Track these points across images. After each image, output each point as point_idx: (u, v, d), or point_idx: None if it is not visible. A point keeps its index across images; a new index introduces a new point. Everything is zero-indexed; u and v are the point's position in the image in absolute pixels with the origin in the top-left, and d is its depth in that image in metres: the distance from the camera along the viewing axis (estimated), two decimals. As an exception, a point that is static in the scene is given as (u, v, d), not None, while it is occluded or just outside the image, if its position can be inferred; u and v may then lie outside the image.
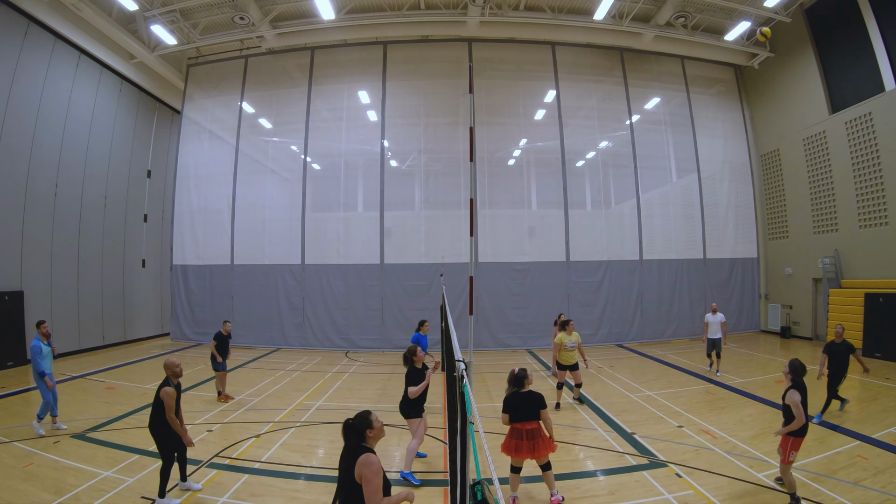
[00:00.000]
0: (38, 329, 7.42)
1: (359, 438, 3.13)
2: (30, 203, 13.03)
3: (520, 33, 16.16)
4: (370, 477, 2.91)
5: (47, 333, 7.47)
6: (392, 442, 7.15)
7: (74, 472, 5.80)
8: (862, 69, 13.69)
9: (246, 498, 5.25)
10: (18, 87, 12.56)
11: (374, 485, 2.89)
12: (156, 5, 14.03)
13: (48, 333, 7.50)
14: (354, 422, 3.16)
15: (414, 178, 16.41)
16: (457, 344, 3.82)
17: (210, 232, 16.70)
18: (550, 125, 16.51)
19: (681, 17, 15.46)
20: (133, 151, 17.34)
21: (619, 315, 16.01)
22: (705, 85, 18.00)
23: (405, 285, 15.59)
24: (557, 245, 15.97)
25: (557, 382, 8.77)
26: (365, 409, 3.31)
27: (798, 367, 5.06)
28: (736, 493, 5.21)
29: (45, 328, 7.47)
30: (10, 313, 12.28)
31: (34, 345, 7.20)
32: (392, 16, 15.17)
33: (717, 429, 7.31)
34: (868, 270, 13.60)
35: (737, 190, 17.84)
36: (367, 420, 3.16)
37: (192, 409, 8.73)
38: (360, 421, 3.16)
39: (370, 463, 2.95)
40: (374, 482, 2.90)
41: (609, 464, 6.08)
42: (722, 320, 11.02)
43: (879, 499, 4.99)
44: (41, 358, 7.17)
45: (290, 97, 16.92)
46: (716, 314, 11.12)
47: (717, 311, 11.25)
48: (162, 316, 18.65)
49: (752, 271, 17.64)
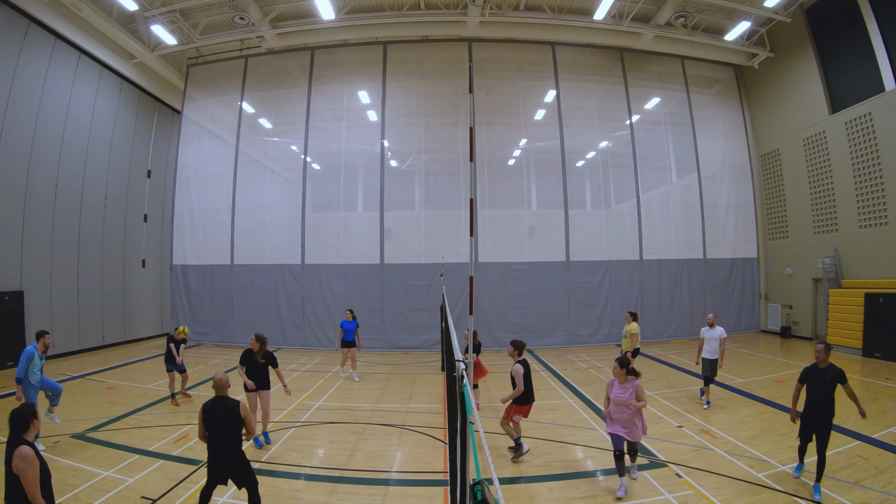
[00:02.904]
0: (39, 339, 6.90)
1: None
2: (30, 203, 13.03)
3: (520, 33, 16.16)
4: (25, 469, 3.08)
5: (48, 345, 7.00)
6: (392, 441, 7.15)
7: (74, 472, 5.80)
8: (862, 69, 13.69)
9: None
10: (18, 87, 12.55)
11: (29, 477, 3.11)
12: (156, 5, 14.03)
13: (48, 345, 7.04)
14: (19, 412, 3.34)
15: (414, 178, 16.41)
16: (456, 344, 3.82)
17: (210, 232, 16.70)
18: (550, 125, 16.51)
19: (681, 17, 15.46)
20: (133, 151, 17.34)
21: (620, 315, 15.87)
22: (705, 85, 18.00)
23: (405, 285, 15.59)
24: (557, 245, 15.97)
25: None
26: (26, 402, 3.86)
27: (521, 344, 6.46)
28: (736, 493, 5.21)
29: (47, 339, 7.00)
30: (10, 313, 12.27)
31: (28, 350, 6.67)
32: (392, 16, 15.16)
33: (717, 429, 7.32)
34: (868, 270, 13.60)
35: (737, 190, 17.84)
36: (31, 410, 3.38)
37: (192, 409, 8.75)
38: (23, 411, 3.35)
39: (24, 455, 3.12)
40: (29, 474, 3.11)
41: (609, 464, 6.07)
42: (722, 336, 8.54)
43: (879, 499, 4.99)
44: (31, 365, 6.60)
45: (290, 97, 16.91)
46: (714, 328, 8.63)
47: (715, 324, 8.70)
48: (162, 316, 18.64)
49: (752, 271, 17.64)
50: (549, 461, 6.28)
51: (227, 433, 4.41)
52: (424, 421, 7.99)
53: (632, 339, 9.51)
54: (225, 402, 4.49)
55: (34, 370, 6.71)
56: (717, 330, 8.59)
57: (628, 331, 9.62)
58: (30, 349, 6.70)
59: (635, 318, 9.77)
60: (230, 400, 4.52)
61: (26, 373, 6.60)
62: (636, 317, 9.84)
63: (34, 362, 6.69)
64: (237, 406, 4.46)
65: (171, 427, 7.55)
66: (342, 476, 5.87)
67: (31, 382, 6.69)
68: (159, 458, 6.32)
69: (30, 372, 6.65)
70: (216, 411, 4.43)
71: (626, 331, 9.70)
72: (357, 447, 6.83)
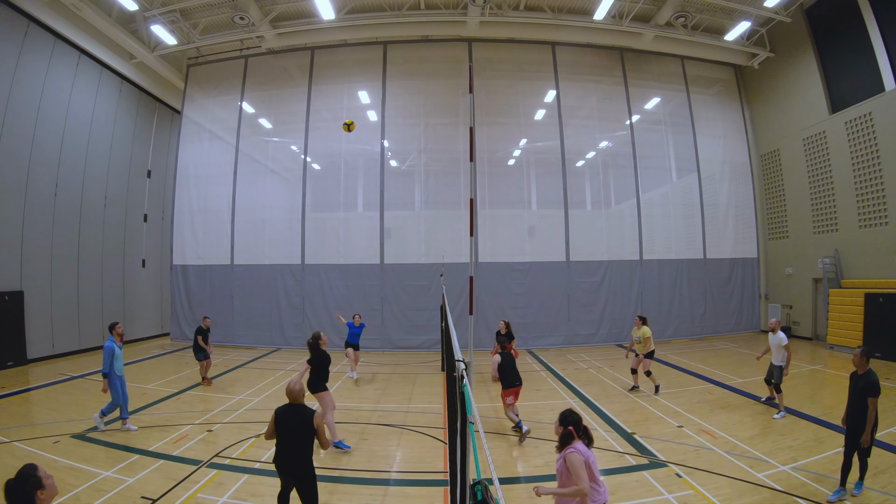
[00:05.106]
0: (112, 330, 7.46)
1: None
2: (30, 203, 13.03)
3: (520, 33, 16.16)
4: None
5: (121, 334, 7.58)
6: (392, 441, 7.15)
7: (74, 472, 5.79)
8: (862, 69, 13.68)
9: (246, 498, 5.25)
10: (18, 87, 12.55)
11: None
12: (156, 5, 14.03)
13: (122, 333, 7.64)
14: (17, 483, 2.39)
15: (414, 178, 16.41)
16: (457, 344, 3.82)
17: (210, 232, 16.70)
18: (550, 125, 16.51)
19: (681, 17, 15.46)
20: (133, 151, 17.33)
21: (619, 315, 15.99)
22: (705, 85, 18.00)
23: (405, 285, 15.59)
24: (557, 245, 15.96)
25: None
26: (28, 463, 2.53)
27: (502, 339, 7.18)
28: (736, 493, 5.21)
29: (119, 329, 7.57)
30: (10, 313, 12.27)
31: (108, 346, 7.24)
32: (392, 16, 15.17)
33: (717, 429, 7.31)
34: (868, 270, 13.59)
35: (737, 190, 17.84)
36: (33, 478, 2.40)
37: (192, 409, 8.74)
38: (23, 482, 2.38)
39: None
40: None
41: (609, 464, 6.08)
42: (780, 342, 8.02)
43: (879, 499, 4.99)
44: (113, 360, 7.22)
45: (290, 97, 16.91)
46: (776, 333, 8.15)
47: (777, 329, 8.16)
48: (162, 316, 18.64)
49: (752, 271, 17.64)
50: (549, 461, 6.27)
51: (294, 440, 4.31)
52: (424, 421, 7.99)
53: (645, 342, 9.57)
54: (296, 410, 4.38)
55: (118, 363, 7.35)
56: (777, 335, 8.10)
57: (641, 335, 9.64)
58: (109, 345, 7.28)
59: (645, 322, 9.80)
60: (305, 409, 4.40)
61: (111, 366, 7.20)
62: (645, 320, 9.85)
63: (115, 354, 7.29)
64: (311, 416, 4.33)
65: (172, 427, 7.55)
66: (342, 476, 5.87)
67: (117, 374, 7.30)
68: (159, 458, 6.32)
69: (116, 365, 7.27)
70: (287, 416, 4.36)
71: (638, 335, 9.72)
72: (357, 447, 6.83)
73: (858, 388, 4.97)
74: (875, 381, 4.88)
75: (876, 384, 4.85)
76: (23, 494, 2.35)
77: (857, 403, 4.93)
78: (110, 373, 7.21)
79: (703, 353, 13.97)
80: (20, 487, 2.36)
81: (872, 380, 4.89)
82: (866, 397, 4.83)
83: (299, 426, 4.30)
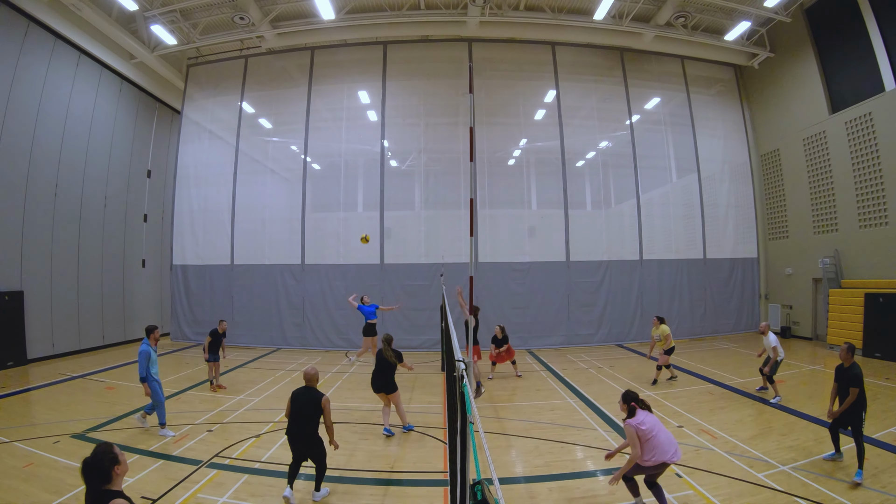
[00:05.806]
0: (149, 335, 7.32)
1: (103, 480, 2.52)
2: (30, 203, 13.03)
3: (520, 33, 16.15)
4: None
5: (158, 338, 7.49)
6: (392, 441, 7.15)
7: (74, 472, 5.79)
8: (862, 69, 13.68)
9: (246, 498, 5.25)
10: (18, 87, 12.55)
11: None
12: (156, 5, 14.03)
13: (158, 338, 7.54)
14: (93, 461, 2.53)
15: (414, 178, 16.40)
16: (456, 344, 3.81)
17: (210, 232, 16.69)
18: (550, 125, 16.51)
19: (681, 17, 15.46)
20: (133, 151, 17.33)
21: (619, 315, 16.00)
22: (705, 85, 17.99)
23: (405, 285, 15.58)
24: (557, 245, 15.96)
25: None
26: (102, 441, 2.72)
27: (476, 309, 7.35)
28: (736, 493, 5.21)
29: (157, 333, 7.45)
30: (10, 313, 12.27)
31: (144, 349, 7.15)
32: (392, 16, 15.16)
33: (717, 429, 7.31)
34: (868, 270, 13.60)
35: (737, 190, 17.83)
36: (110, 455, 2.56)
37: (191, 409, 8.74)
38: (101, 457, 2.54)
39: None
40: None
41: (609, 463, 6.07)
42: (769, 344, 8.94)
43: (879, 499, 4.99)
44: (149, 363, 7.15)
45: (290, 97, 16.91)
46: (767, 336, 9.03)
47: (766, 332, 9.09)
48: (162, 316, 18.63)
49: (752, 271, 17.64)
50: (549, 461, 6.28)
51: (303, 417, 5.11)
52: (424, 421, 7.99)
53: (665, 339, 10.08)
54: (309, 392, 5.23)
55: (155, 367, 7.32)
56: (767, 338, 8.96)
57: (660, 333, 10.12)
58: (145, 348, 7.21)
59: (663, 321, 10.32)
60: (315, 392, 5.24)
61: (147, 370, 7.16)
62: (663, 320, 10.40)
63: (152, 358, 7.25)
64: (319, 397, 5.18)
65: (172, 427, 7.54)
66: (342, 476, 5.87)
67: (154, 377, 7.27)
68: (159, 458, 6.32)
69: (153, 368, 7.25)
70: (300, 396, 5.22)
71: (658, 334, 10.17)
72: (357, 447, 6.83)
73: (844, 378, 5.67)
74: (859, 373, 5.58)
75: (860, 376, 5.55)
76: (101, 470, 2.52)
77: (843, 394, 5.65)
78: (148, 376, 7.13)
79: (703, 353, 13.97)
80: (98, 464, 2.52)
81: (857, 372, 5.59)
82: (850, 387, 5.55)
83: (307, 404, 5.14)
